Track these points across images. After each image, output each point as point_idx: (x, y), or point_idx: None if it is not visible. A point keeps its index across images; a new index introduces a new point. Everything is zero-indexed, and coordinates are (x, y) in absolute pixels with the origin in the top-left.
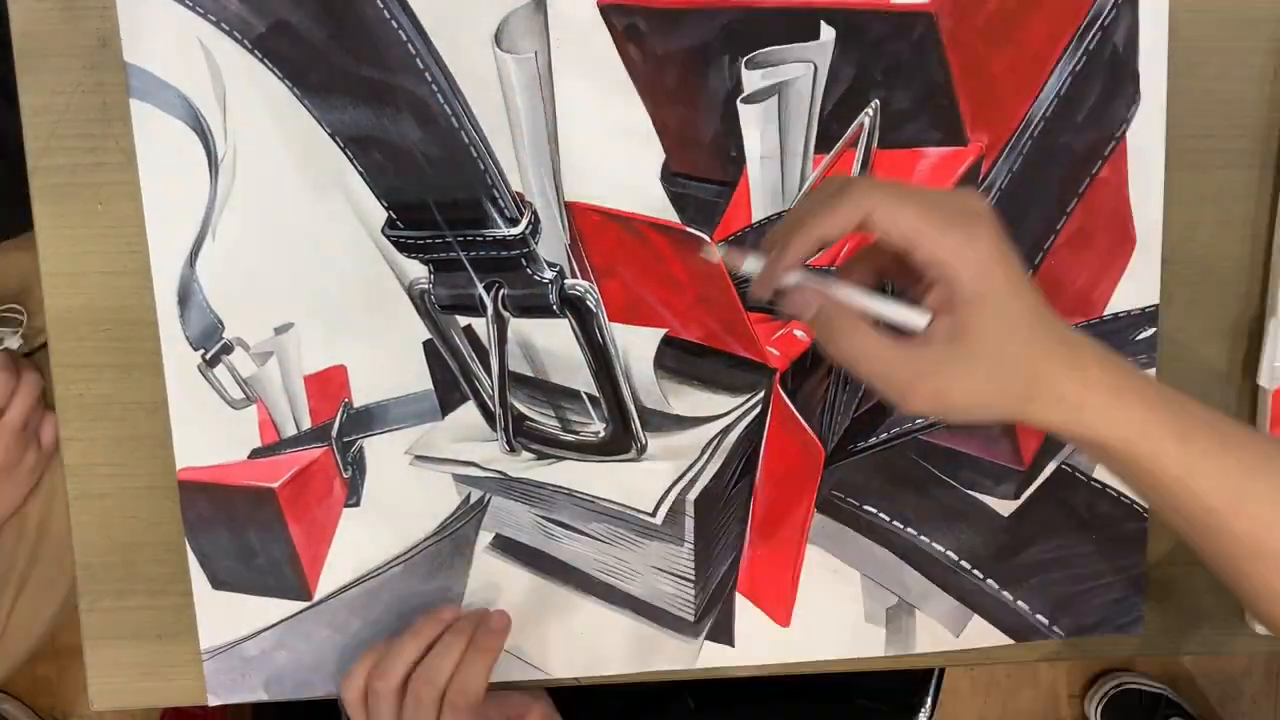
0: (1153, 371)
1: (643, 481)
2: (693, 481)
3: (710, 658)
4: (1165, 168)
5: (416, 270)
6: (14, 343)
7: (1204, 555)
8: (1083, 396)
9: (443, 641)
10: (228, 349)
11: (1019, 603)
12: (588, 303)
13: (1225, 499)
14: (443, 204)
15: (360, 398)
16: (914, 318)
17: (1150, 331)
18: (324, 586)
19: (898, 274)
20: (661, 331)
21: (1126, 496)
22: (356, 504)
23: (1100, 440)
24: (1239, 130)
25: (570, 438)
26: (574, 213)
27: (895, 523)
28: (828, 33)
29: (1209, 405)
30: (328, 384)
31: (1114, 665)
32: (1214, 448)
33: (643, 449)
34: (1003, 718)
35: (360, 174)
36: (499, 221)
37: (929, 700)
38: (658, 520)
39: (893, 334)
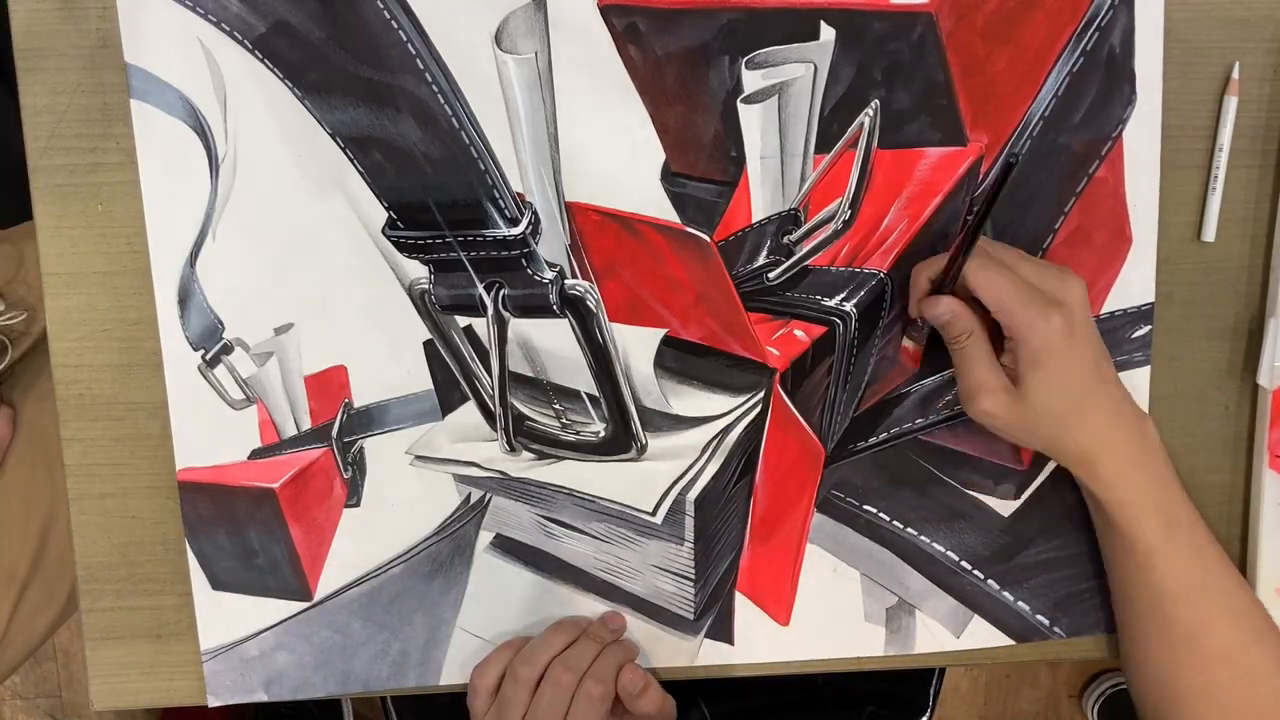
0: (1147, 370)
1: (643, 481)
2: (693, 481)
3: (710, 656)
4: (1164, 167)
5: (417, 270)
6: None
7: (1134, 628)
8: (1104, 457)
9: (583, 638)
10: (228, 349)
11: (1019, 603)
12: (588, 303)
13: (1179, 589)
14: (443, 204)
15: (360, 398)
16: None
17: (1145, 329)
18: (324, 587)
19: None
20: (661, 331)
21: None
22: (357, 504)
23: (1099, 494)
24: (1238, 130)
25: (570, 438)
26: (574, 213)
27: (895, 523)
28: (828, 33)
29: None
30: (328, 384)
31: (1111, 665)
32: (1187, 548)
33: (643, 449)
34: (1002, 718)
35: (360, 174)
36: (499, 221)
37: (929, 703)
38: (658, 520)
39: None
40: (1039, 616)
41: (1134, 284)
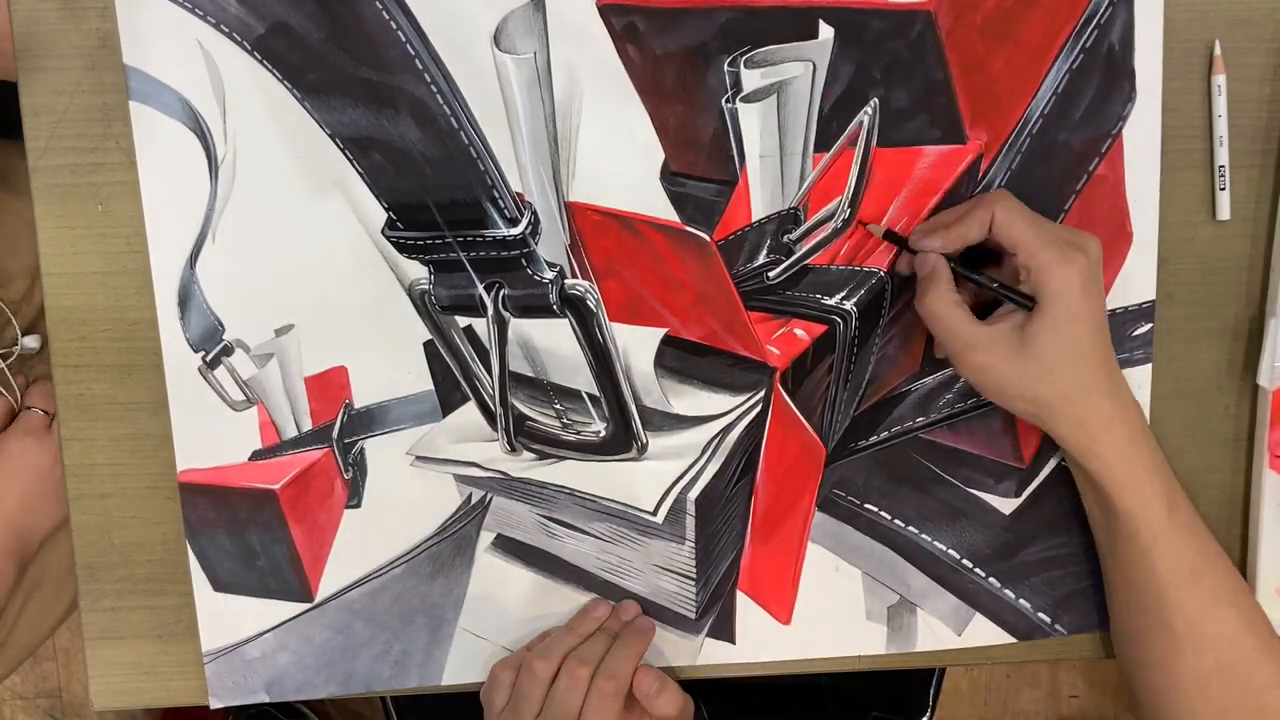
0: (1149, 368)
1: (644, 480)
2: (694, 480)
3: (711, 655)
4: (1166, 168)
5: (417, 271)
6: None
7: (1131, 611)
8: (1102, 431)
9: (599, 632)
10: (228, 351)
11: (1021, 600)
12: (588, 302)
13: (1182, 573)
14: (443, 204)
15: (361, 399)
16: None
17: (1146, 327)
18: (325, 588)
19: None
20: (662, 331)
21: None
22: (358, 505)
23: (1099, 475)
24: (1239, 130)
25: (571, 437)
26: (574, 212)
27: (896, 521)
28: (826, 31)
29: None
30: (328, 385)
31: None
32: (1187, 530)
33: (644, 448)
34: (1002, 718)
35: (360, 175)
36: (499, 222)
37: (929, 703)
38: (659, 519)
39: (970, 312)
40: (1040, 614)
41: (1135, 281)
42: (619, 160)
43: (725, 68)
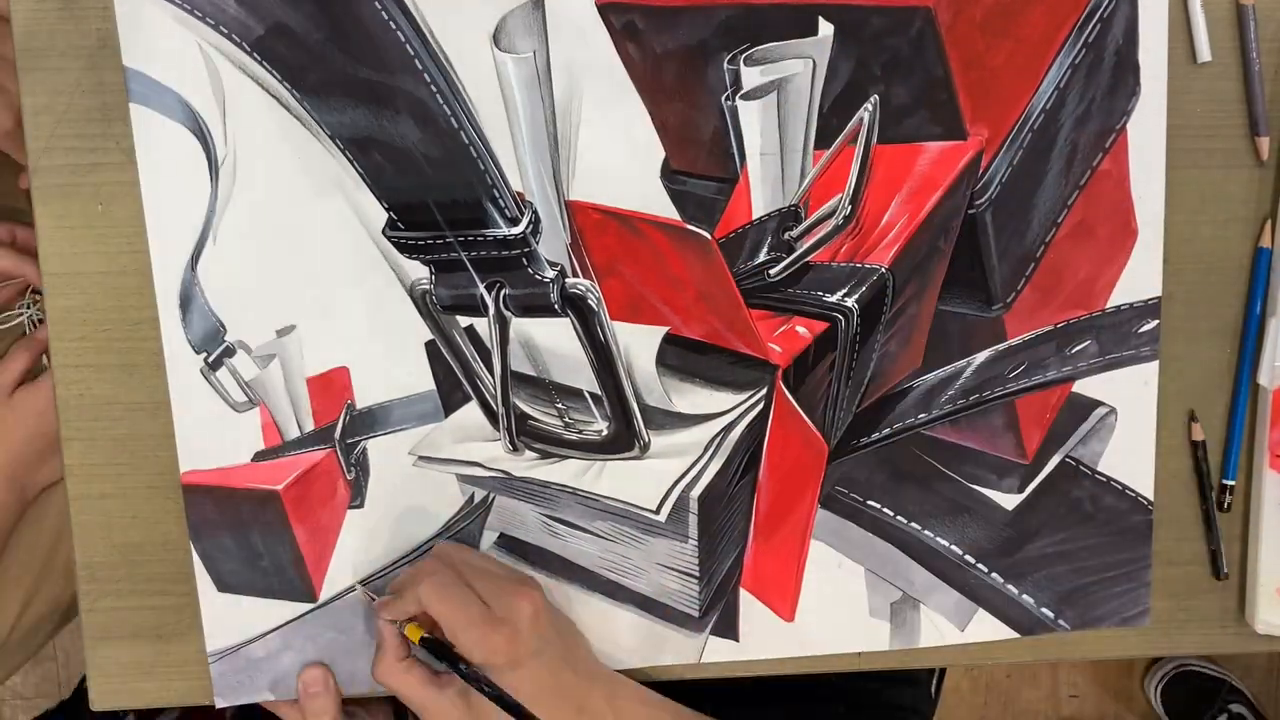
0: (1155, 364)
1: (646, 479)
2: (696, 478)
3: (715, 653)
4: (1166, 167)
5: (417, 271)
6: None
7: None
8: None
9: None
10: (230, 352)
11: (1024, 596)
12: (589, 301)
13: None
14: (443, 204)
15: (363, 399)
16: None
17: (1153, 324)
18: (329, 588)
19: None
20: (663, 329)
21: (1131, 489)
22: (360, 505)
23: None
24: (1239, 130)
25: (573, 436)
26: (574, 211)
27: (899, 517)
28: (826, 28)
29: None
30: (330, 386)
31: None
32: None
33: (646, 447)
34: (1003, 718)
35: (360, 175)
36: (499, 221)
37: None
38: (661, 517)
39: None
40: (1044, 610)
41: (1141, 277)
42: (619, 159)
43: (725, 65)
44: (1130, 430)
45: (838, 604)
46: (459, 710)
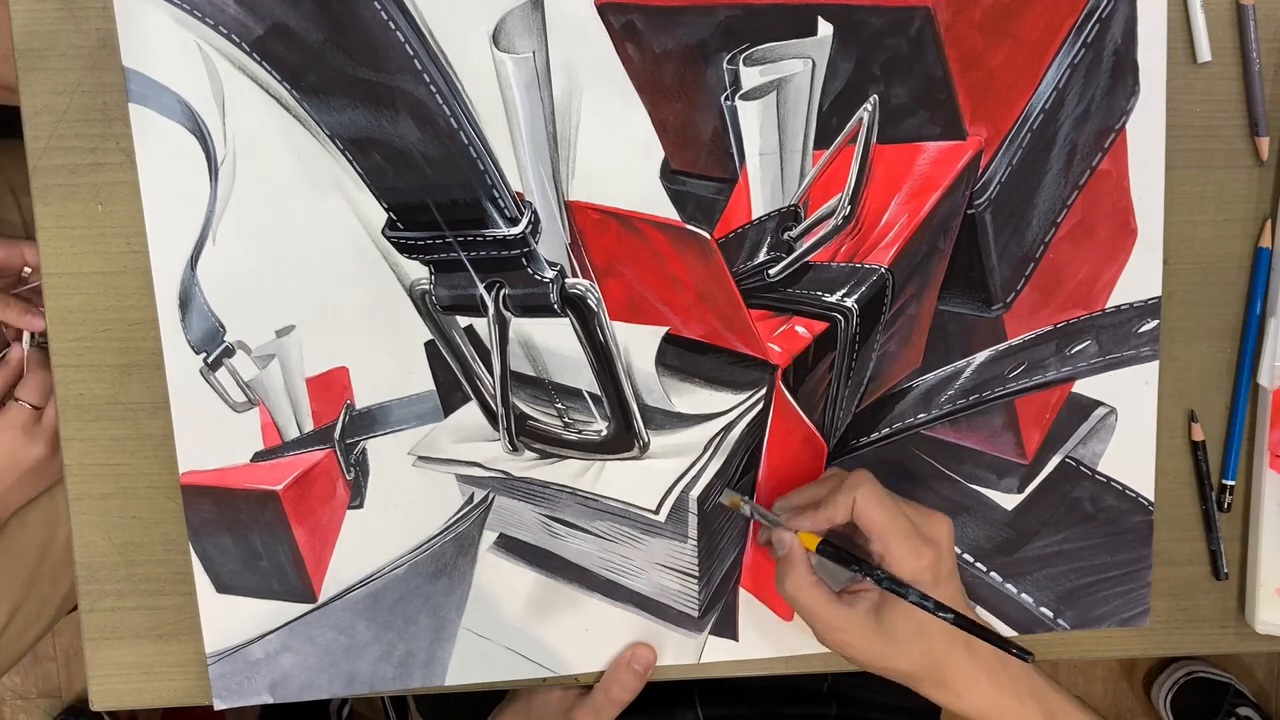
0: (1155, 364)
1: (646, 479)
2: (696, 478)
3: (714, 652)
4: (1166, 167)
5: (417, 271)
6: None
7: None
8: (966, 688)
9: None
10: (229, 352)
11: (1023, 595)
12: (589, 301)
13: None
14: (442, 204)
15: (362, 399)
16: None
17: (1153, 324)
18: (328, 589)
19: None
20: (663, 329)
21: (1132, 490)
22: (360, 506)
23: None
24: (1239, 130)
25: (573, 436)
26: (574, 211)
27: None
28: (825, 28)
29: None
30: (329, 386)
31: (1181, 654)
32: None
33: (645, 447)
34: None
35: (360, 175)
36: (499, 221)
37: (936, 710)
38: (661, 517)
39: (830, 591)
40: (1043, 609)
41: (1140, 277)
42: (619, 159)
43: (724, 65)
44: (1130, 430)
45: None
46: (868, 627)
